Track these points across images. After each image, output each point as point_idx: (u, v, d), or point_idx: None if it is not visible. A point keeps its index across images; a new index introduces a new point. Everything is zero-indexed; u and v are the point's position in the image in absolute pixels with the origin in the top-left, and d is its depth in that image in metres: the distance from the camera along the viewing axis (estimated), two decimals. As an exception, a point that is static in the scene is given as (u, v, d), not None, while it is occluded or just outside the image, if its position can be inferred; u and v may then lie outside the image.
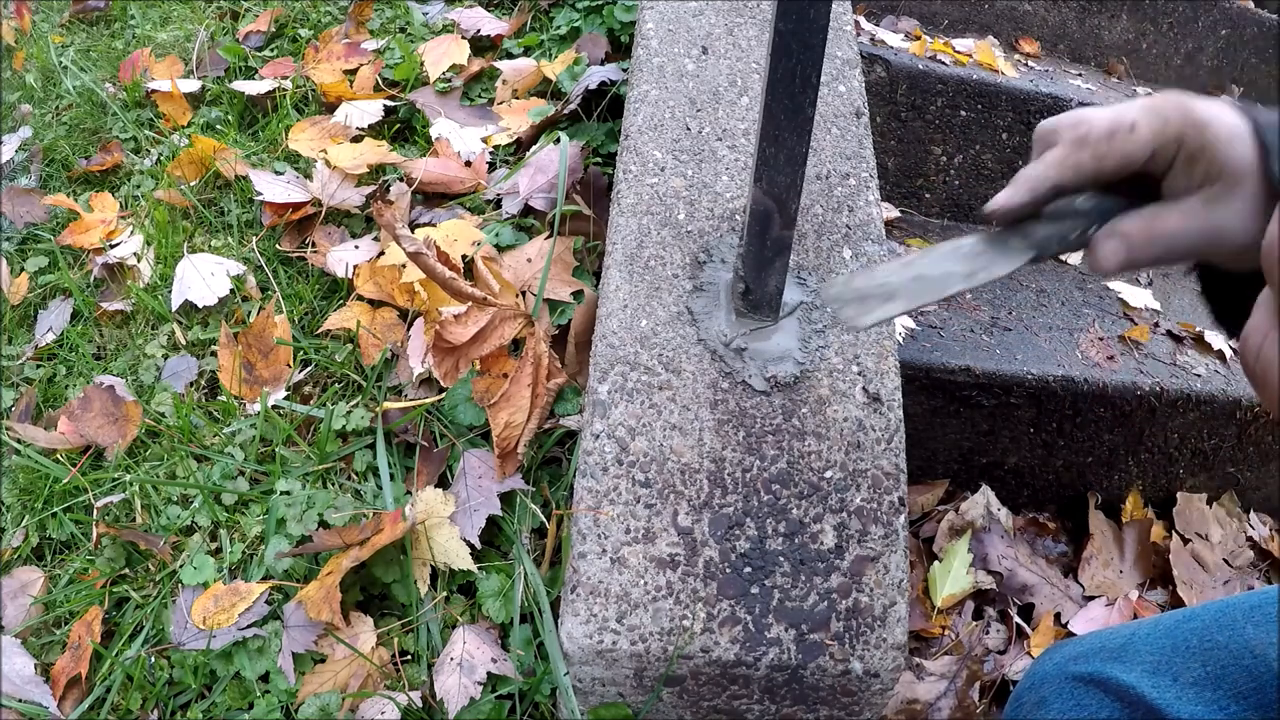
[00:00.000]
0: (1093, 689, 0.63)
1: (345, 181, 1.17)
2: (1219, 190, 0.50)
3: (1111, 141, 0.51)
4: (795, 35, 0.58)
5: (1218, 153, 0.49)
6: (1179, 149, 0.50)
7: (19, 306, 1.18)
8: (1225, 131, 0.49)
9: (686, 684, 0.67)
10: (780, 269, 0.72)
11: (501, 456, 0.86)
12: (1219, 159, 0.49)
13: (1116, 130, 0.51)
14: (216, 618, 0.79)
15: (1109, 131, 0.51)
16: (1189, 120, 0.50)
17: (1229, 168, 0.49)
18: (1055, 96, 1.44)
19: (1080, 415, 1.16)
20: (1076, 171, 0.53)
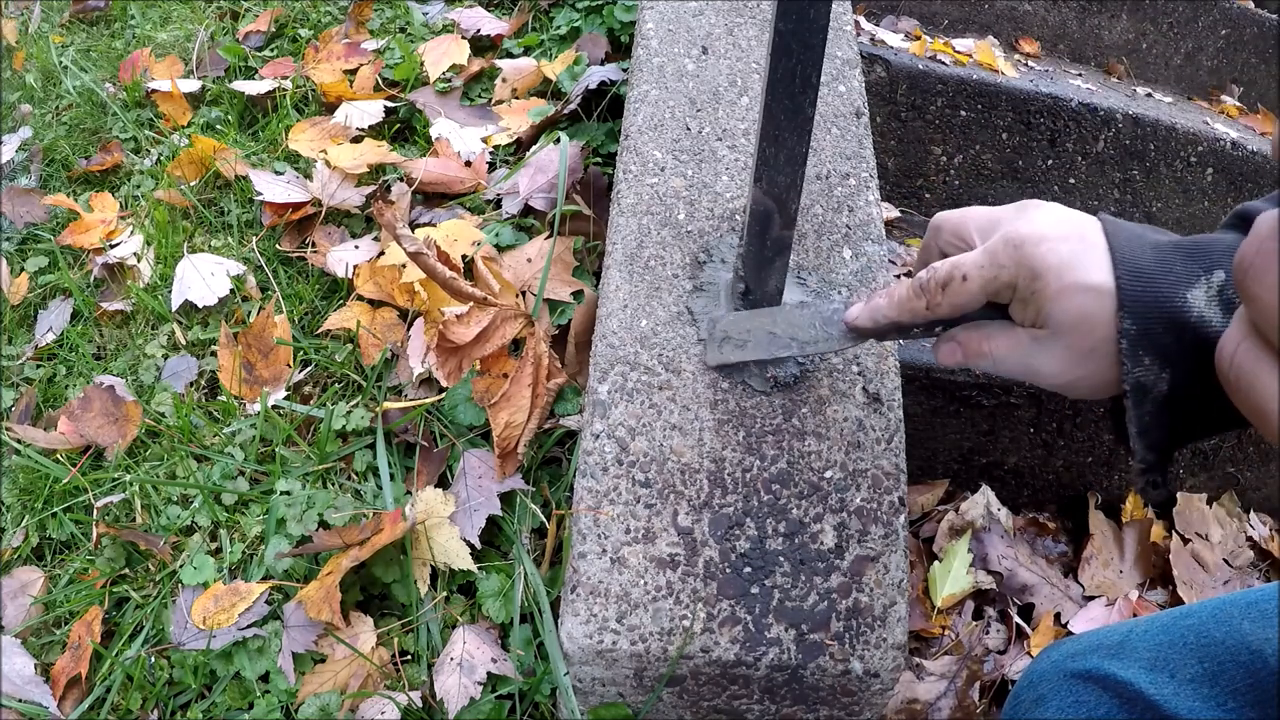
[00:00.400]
0: (1090, 686, 0.63)
1: (345, 181, 1.17)
2: (1045, 335, 0.53)
3: (945, 292, 0.55)
4: (795, 35, 0.58)
5: (1041, 305, 0.52)
6: (1013, 293, 0.54)
7: (19, 306, 1.18)
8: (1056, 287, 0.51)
9: (686, 684, 0.67)
10: (780, 269, 0.72)
11: (501, 456, 0.86)
12: (1044, 313, 0.52)
13: (950, 280, 0.55)
14: (216, 618, 0.79)
15: (944, 280, 0.55)
16: (1024, 269, 0.52)
17: (1053, 322, 0.52)
18: (1055, 96, 1.44)
19: (1080, 415, 1.16)
20: (913, 316, 0.58)
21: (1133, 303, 0.50)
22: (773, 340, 0.68)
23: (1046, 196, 1.52)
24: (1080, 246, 0.52)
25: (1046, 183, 1.51)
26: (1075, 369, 0.53)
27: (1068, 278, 0.51)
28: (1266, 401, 0.27)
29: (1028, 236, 0.52)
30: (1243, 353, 0.27)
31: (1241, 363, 0.27)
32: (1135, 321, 0.50)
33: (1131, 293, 0.50)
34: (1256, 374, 0.27)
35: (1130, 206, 1.56)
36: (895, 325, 0.60)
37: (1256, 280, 0.26)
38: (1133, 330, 0.50)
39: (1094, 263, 0.51)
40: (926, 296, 0.57)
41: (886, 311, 0.60)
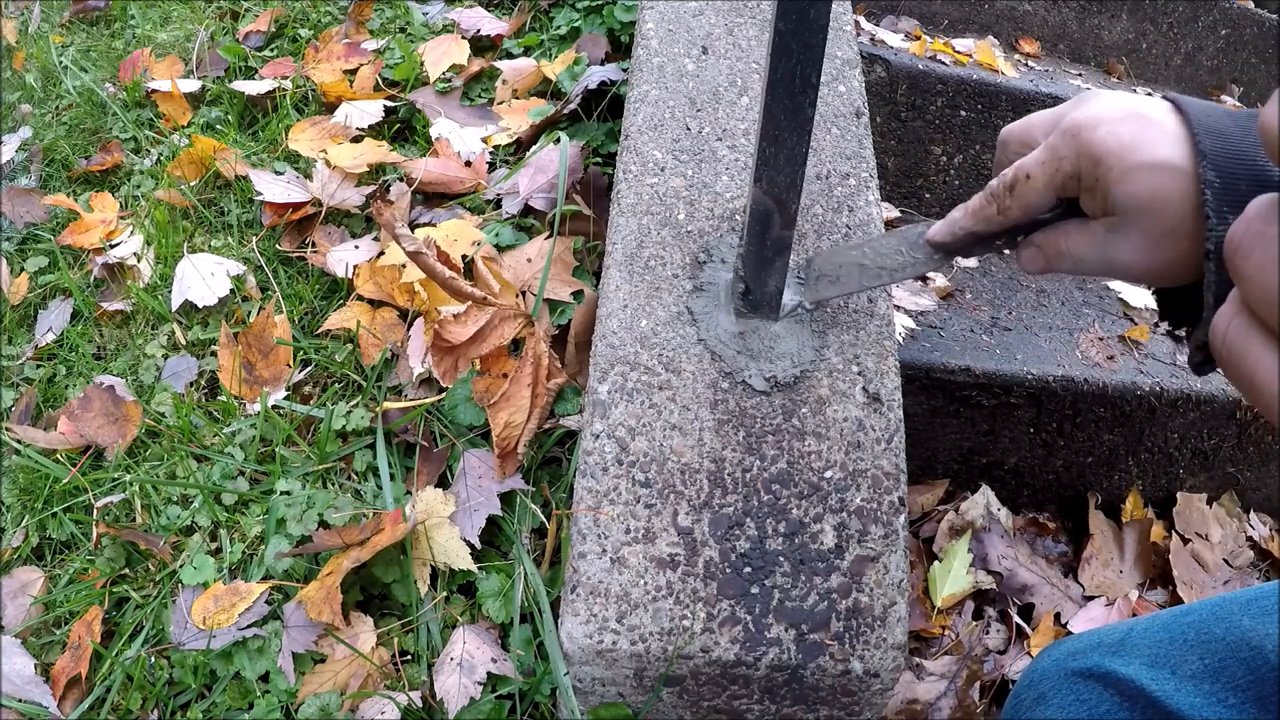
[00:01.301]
0: (1092, 683, 0.63)
1: (345, 181, 1.17)
2: (1118, 223, 0.52)
3: (1013, 194, 0.55)
4: (795, 35, 0.58)
5: (1110, 191, 0.51)
6: (1079, 184, 0.52)
7: (19, 306, 1.18)
8: (1119, 169, 0.50)
9: (686, 684, 0.67)
10: (780, 269, 0.72)
11: (501, 456, 0.86)
12: (1112, 197, 0.51)
13: (1016, 181, 0.55)
14: (216, 618, 0.79)
15: (1011, 182, 0.55)
16: (1084, 156, 0.51)
17: (1121, 206, 0.51)
18: (1055, 96, 1.44)
19: (1080, 415, 1.16)
20: (988, 223, 0.58)
21: (1215, 155, 0.48)
22: (864, 272, 0.69)
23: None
24: (1139, 125, 0.50)
25: (1046, 183, 1.51)
26: (1154, 254, 0.51)
27: (1131, 159, 0.49)
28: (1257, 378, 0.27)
29: (1084, 123, 0.51)
30: (1235, 329, 0.28)
31: (1233, 339, 0.28)
32: (1219, 174, 0.48)
33: (1214, 150, 0.48)
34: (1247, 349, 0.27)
35: (1130, 206, 1.55)
36: (974, 235, 0.60)
37: (1245, 258, 0.27)
38: (1216, 183, 0.48)
39: (1159, 140, 0.49)
40: (997, 201, 0.56)
41: (963, 223, 0.60)
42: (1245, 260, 0.27)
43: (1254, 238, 0.27)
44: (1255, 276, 0.27)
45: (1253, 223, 0.27)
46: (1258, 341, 0.27)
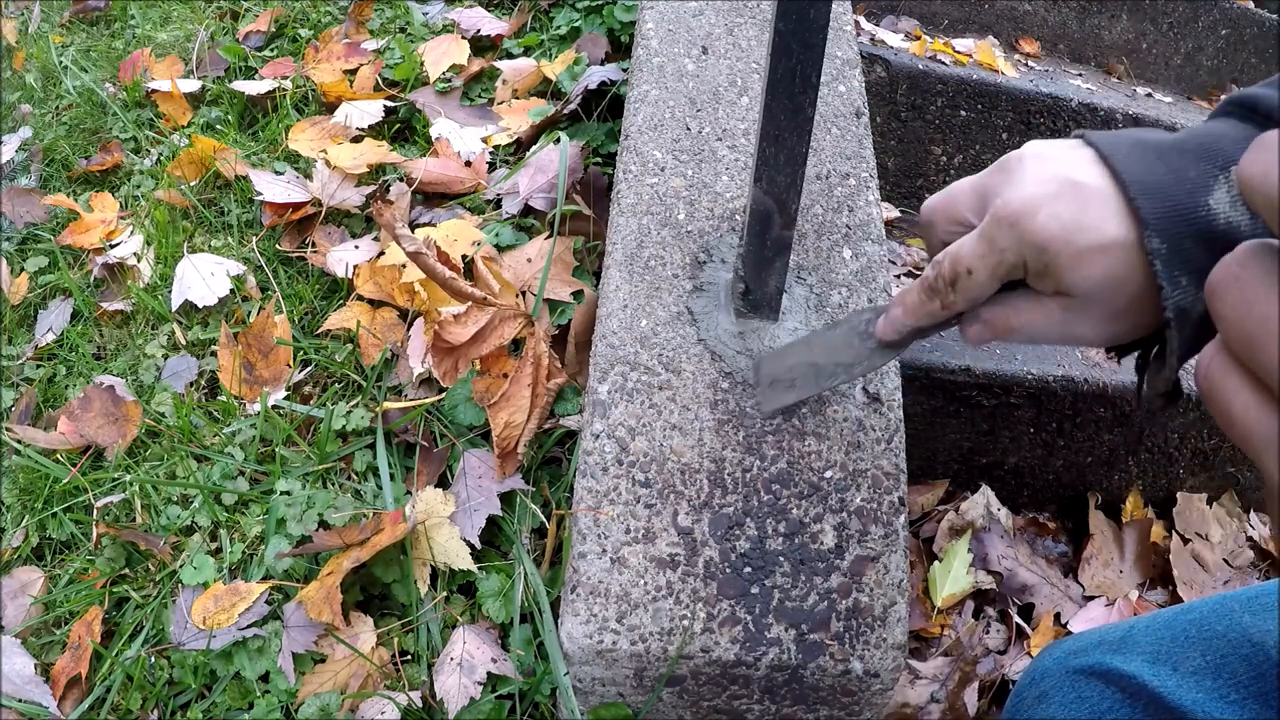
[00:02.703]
0: (1093, 681, 0.63)
1: (345, 181, 1.17)
2: (1075, 304, 0.50)
3: (955, 289, 0.53)
4: (795, 35, 0.58)
5: (1061, 276, 0.49)
6: (1026, 269, 0.50)
7: (19, 306, 1.18)
8: (1069, 254, 0.48)
9: (686, 684, 0.67)
10: (780, 269, 0.72)
11: (501, 456, 0.86)
12: (1065, 282, 0.49)
13: (956, 276, 0.52)
14: (216, 618, 0.79)
15: (951, 278, 0.53)
16: (1027, 245, 0.49)
17: (1078, 290, 0.49)
18: (1055, 96, 1.44)
19: (1080, 415, 1.16)
20: (931, 318, 0.56)
21: (1157, 220, 0.46)
22: (818, 372, 0.67)
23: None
24: (1077, 201, 0.48)
25: (1046, 183, 1.51)
26: (1117, 325, 0.51)
27: (1079, 242, 0.47)
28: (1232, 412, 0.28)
29: (1020, 210, 0.49)
30: (1215, 366, 0.29)
31: (1214, 375, 0.29)
32: (1164, 239, 0.46)
33: (1153, 212, 0.47)
34: (1224, 385, 0.29)
35: (1130, 206, 1.55)
36: (918, 330, 0.59)
37: (1221, 300, 0.28)
38: (1163, 250, 0.46)
39: (1100, 214, 0.48)
40: (939, 298, 0.55)
41: (905, 320, 0.58)
42: (1221, 302, 0.28)
43: (1229, 281, 0.28)
44: (1230, 317, 0.28)
45: (1229, 267, 0.28)
46: (1234, 378, 0.28)
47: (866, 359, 0.63)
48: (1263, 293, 0.27)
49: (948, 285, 0.53)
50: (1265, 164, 0.27)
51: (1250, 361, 0.28)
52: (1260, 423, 0.28)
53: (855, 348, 0.64)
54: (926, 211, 0.58)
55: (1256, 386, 0.28)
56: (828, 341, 0.67)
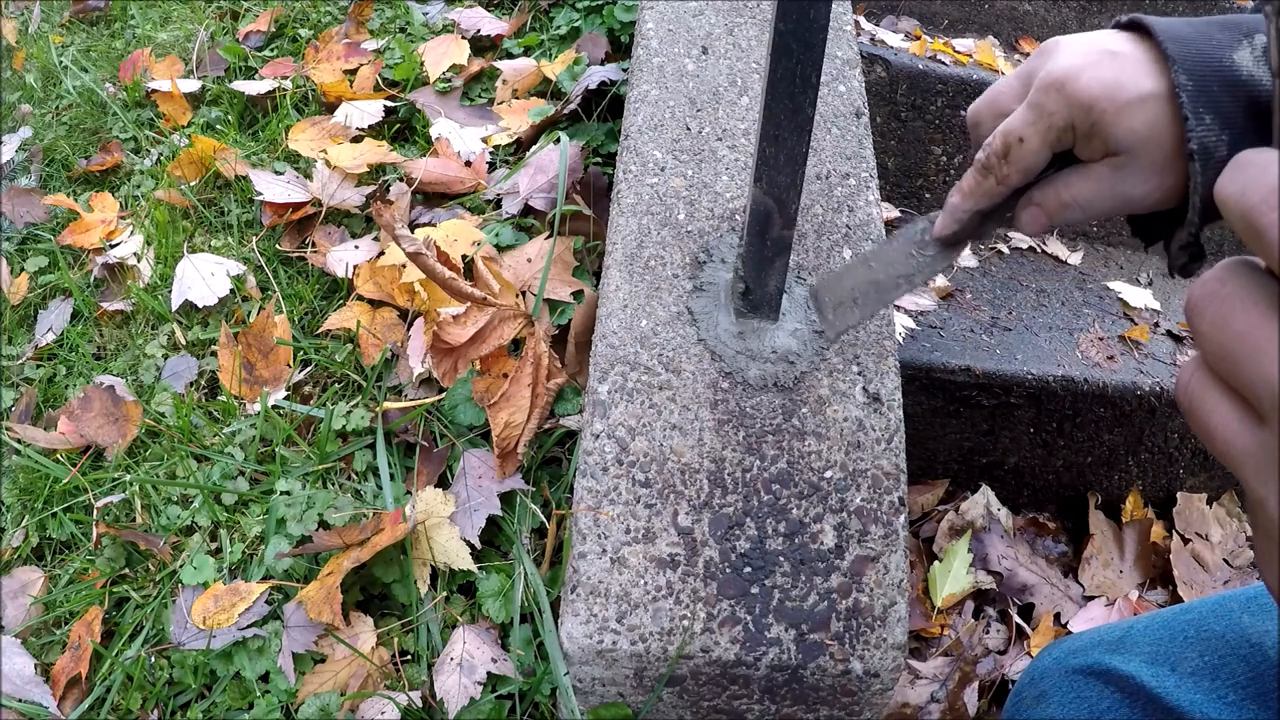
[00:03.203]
0: (1092, 680, 0.63)
1: (345, 181, 1.17)
2: (1123, 160, 0.53)
3: (1008, 161, 0.55)
4: (795, 35, 0.58)
5: (1108, 133, 0.52)
6: (1074, 132, 0.53)
7: (19, 306, 1.18)
8: (1113, 109, 0.52)
9: (686, 684, 0.67)
10: (780, 269, 0.72)
11: (501, 456, 0.86)
12: (1111, 138, 0.52)
13: (1009, 146, 0.55)
14: (216, 618, 0.79)
15: (1003, 150, 0.55)
16: (1075, 106, 0.52)
17: (1123, 143, 0.52)
18: (1055, 96, 1.44)
19: (1080, 415, 1.16)
20: (990, 197, 0.58)
21: (1184, 60, 0.50)
22: (880, 287, 0.66)
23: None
24: (1116, 63, 0.52)
25: (1046, 183, 1.51)
26: (1163, 179, 0.53)
27: (1121, 97, 0.51)
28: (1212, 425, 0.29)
29: (1065, 74, 0.52)
30: (1195, 381, 0.30)
31: (1194, 390, 0.30)
32: (1191, 77, 0.50)
33: (1181, 55, 0.51)
34: (1204, 400, 0.29)
35: (1130, 206, 1.55)
36: (978, 215, 0.60)
37: (1200, 316, 0.29)
38: (1190, 85, 0.50)
39: (1137, 71, 0.52)
40: (993, 173, 0.56)
41: (964, 205, 0.59)
42: (1200, 318, 0.29)
43: (1207, 298, 0.28)
44: (1208, 333, 0.28)
45: (1208, 283, 0.29)
46: (1214, 393, 0.29)
47: (929, 265, 0.64)
48: (1240, 308, 0.27)
49: (1000, 158, 0.55)
50: (1241, 182, 0.27)
51: (1228, 376, 0.28)
52: (1239, 436, 0.28)
53: (915, 257, 0.65)
54: (974, 114, 0.61)
55: (1235, 401, 0.28)
56: (885, 257, 0.67)
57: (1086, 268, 1.45)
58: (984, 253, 1.40)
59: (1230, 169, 0.28)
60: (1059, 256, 1.45)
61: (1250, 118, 0.51)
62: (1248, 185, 0.27)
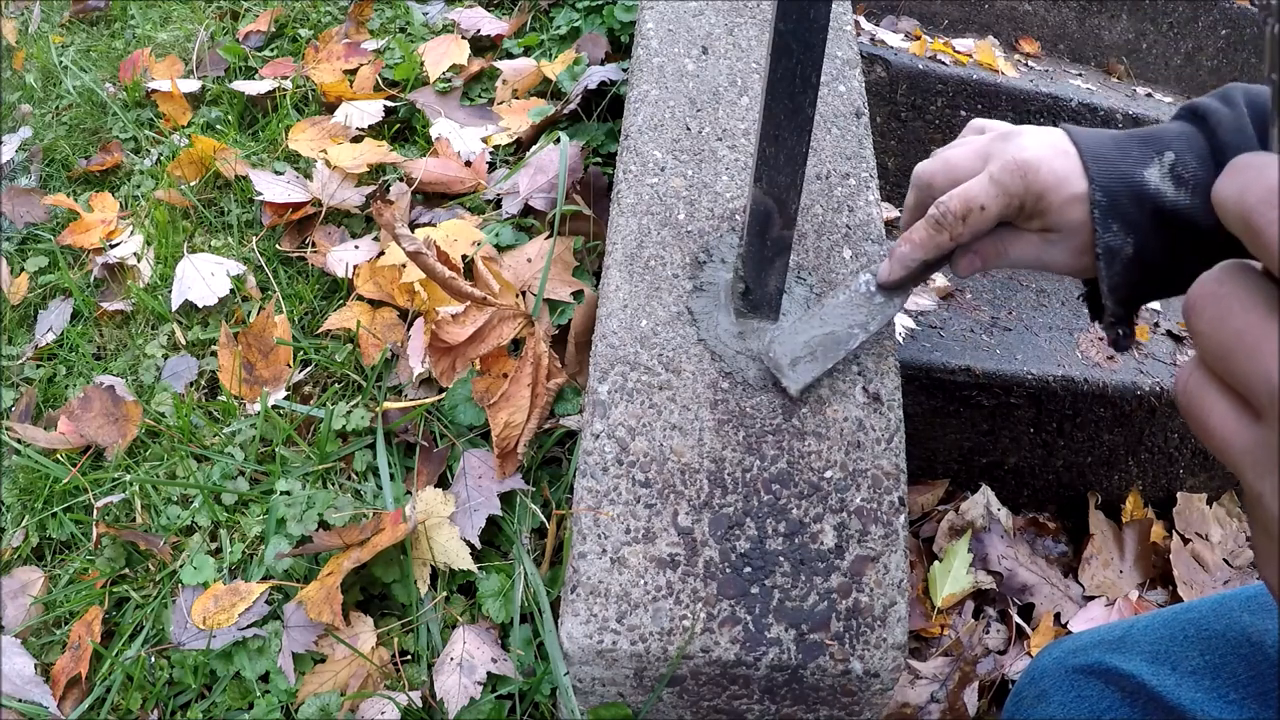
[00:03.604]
0: (1093, 680, 0.63)
1: (345, 181, 1.17)
2: (1054, 238, 0.65)
3: (965, 223, 0.64)
4: (795, 35, 0.58)
5: (1049, 217, 0.63)
6: (1020, 210, 0.64)
7: (19, 306, 1.18)
8: (1058, 201, 0.62)
9: (686, 684, 0.67)
10: (780, 269, 0.72)
11: (501, 456, 0.86)
12: (1050, 220, 0.64)
13: (969, 213, 0.64)
14: (216, 618, 0.79)
15: (962, 214, 0.64)
16: (1029, 191, 0.63)
17: (1058, 227, 0.64)
18: (1055, 96, 1.44)
19: (1080, 415, 1.16)
20: (939, 250, 0.67)
21: (1100, 177, 0.61)
22: (836, 338, 0.71)
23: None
24: (1066, 162, 0.62)
25: (1046, 183, 1.51)
26: (1079, 258, 0.65)
27: (1065, 191, 0.62)
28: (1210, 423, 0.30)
29: (1029, 163, 0.62)
30: (1193, 380, 0.31)
31: (1192, 389, 0.31)
32: (1104, 194, 0.61)
33: (1098, 173, 0.61)
34: (1203, 398, 0.30)
35: (1130, 206, 1.55)
36: (924, 264, 0.68)
37: (1198, 316, 0.30)
38: (1103, 201, 0.61)
39: (1078, 173, 0.62)
40: (948, 230, 0.65)
41: (914, 255, 0.67)
42: (1198, 318, 0.30)
43: (1205, 298, 0.29)
44: (1206, 332, 0.29)
45: (1206, 284, 0.30)
46: (1211, 391, 0.30)
47: (881, 310, 0.71)
48: (1237, 308, 0.28)
49: (959, 219, 0.64)
50: (1239, 185, 0.28)
51: (1226, 374, 0.29)
52: (1237, 433, 0.29)
53: (864, 306, 0.71)
54: (925, 175, 0.69)
55: (1233, 398, 0.29)
56: (835, 310, 0.72)
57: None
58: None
59: (1228, 172, 0.28)
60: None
61: (1154, 223, 0.62)
62: (1245, 187, 0.27)
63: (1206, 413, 0.30)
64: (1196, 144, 0.62)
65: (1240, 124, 0.62)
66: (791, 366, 0.71)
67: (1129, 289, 0.64)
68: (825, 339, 0.71)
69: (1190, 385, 0.31)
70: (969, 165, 0.66)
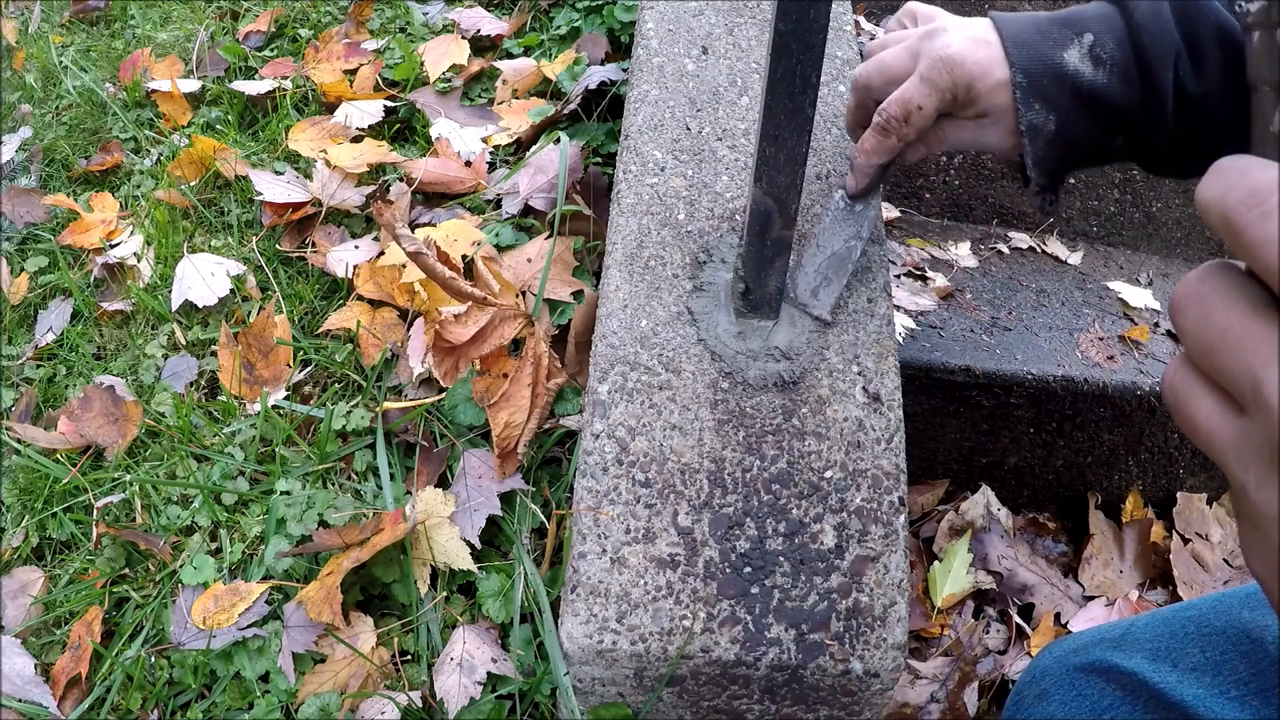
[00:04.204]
0: (1094, 678, 0.63)
1: (345, 181, 1.17)
2: (987, 121, 0.70)
3: (908, 124, 0.69)
4: (795, 35, 0.58)
5: (981, 105, 0.68)
6: (955, 101, 0.68)
7: (19, 306, 1.18)
8: (985, 89, 0.67)
9: (686, 684, 0.67)
10: (780, 269, 0.72)
11: (501, 456, 0.86)
12: (983, 108, 0.68)
13: (909, 114, 0.69)
14: (216, 618, 0.79)
15: (903, 116, 0.69)
16: (958, 84, 0.67)
17: (991, 112, 0.69)
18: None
19: (1080, 415, 1.16)
20: (891, 152, 0.72)
21: (1020, 61, 0.66)
22: (840, 256, 0.78)
23: (1046, 196, 1.52)
24: (989, 51, 0.67)
25: (1046, 183, 1.51)
26: (1012, 138, 0.69)
27: (991, 79, 0.67)
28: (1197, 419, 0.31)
29: (953, 58, 0.67)
30: (1179, 378, 0.32)
31: (1178, 386, 0.32)
32: (1025, 76, 0.66)
33: (1019, 58, 0.66)
34: (1189, 395, 0.31)
35: (1130, 206, 1.56)
36: (883, 166, 0.74)
37: (1183, 314, 0.31)
38: (1024, 83, 0.66)
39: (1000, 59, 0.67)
40: (895, 133, 0.70)
41: (870, 161, 0.73)
42: (1183, 316, 0.31)
43: (1189, 296, 0.30)
44: (1190, 330, 0.30)
45: (1189, 284, 0.31)
46: (1197, 388, 0.31)
47: (864, 217, 0.78)
48: (1220, 306, 0.29)
49: (901, 121, 0.69)
50: (1220, 187, 0.29)
51: (1210, 370, 0.30)
52: (1222, 428, 0.30)
53: (849, 220, 0.78)
54: (863, 78, 0.74)
55: (1218, 394, 0.30)
56: (827, 233, 0.79)
57: (1086, 268, 1.45)
58: (984, 253, 1.40)
59: (1210, 174, 0.29)
60: (1059, 256, 1.45)
61: (1074, 101, 0.66)
62: (1226, 189, 0.28)
63: (1193, 408, 0.31)
64: (1115, 25, 0.66)
65: (1157, 8, 0.65)
66: (814, 295, 0.77)
67: (1053, 162, 0.69)
68: (831, 260, 0.78)
69: (1176, 381, 0.31)
70: (902, 64, 0.70)
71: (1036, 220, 1.53)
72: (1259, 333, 0.28)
